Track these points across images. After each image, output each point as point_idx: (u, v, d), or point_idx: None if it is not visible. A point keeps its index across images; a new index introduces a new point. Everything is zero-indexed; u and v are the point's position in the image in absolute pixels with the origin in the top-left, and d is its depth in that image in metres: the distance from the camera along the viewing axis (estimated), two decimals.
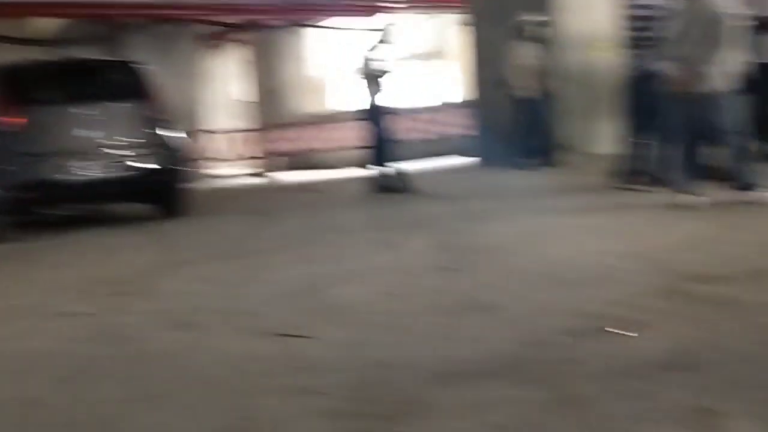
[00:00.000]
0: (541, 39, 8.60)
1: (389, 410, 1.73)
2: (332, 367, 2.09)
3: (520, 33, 8.65)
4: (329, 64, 12.95)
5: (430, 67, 13.44)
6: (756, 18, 5.22)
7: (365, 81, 7.04)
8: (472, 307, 2.58)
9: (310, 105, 12.88)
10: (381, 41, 7.09)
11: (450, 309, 2.57)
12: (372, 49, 7.07)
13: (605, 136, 7.57)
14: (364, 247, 4.11)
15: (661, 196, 5.05)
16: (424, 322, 2.47)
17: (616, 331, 2.11)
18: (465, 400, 1.73)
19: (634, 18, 5.47)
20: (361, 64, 7.07)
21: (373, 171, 7.09)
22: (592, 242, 3.65)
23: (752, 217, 3.94)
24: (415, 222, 4.95)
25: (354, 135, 8.12)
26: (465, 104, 11.08)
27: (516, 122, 8.69)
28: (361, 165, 7.47)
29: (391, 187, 6.89)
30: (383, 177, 7.00)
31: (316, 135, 12.24)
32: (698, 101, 4.36)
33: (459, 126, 11.91)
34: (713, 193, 4.46)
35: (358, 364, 2.09)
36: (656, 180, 5.38)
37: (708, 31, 4.26)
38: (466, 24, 10.42)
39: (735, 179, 4.40)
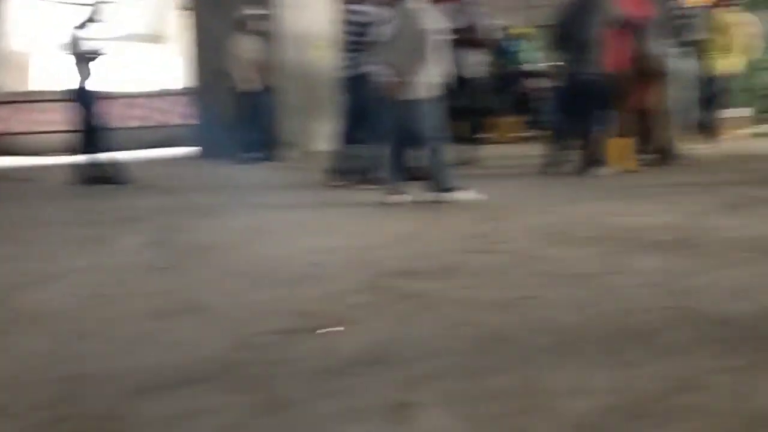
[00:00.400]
0: (263, 33, 8.66)
1: (83, 429, 1.62)
2: (25, 384, 1.90)
3: (242, 26, 8.63)
4: (35, 38, 11.73)
5: (147, 51, 12.84)
6: (458, 33, 5.82)
7: (74, 60, 6.49)
8: (184, 309, 2.51)
9: (11, 83, 11.57)
10: (91, 19, 6.58)
11: (160, 312, 2.48)
12: (81, 27, 6.53)
13: (323, 134, 7.84)
14: (69, 244, 3.80)
15: (372, 194, 5.40)
16: (132, 327, 2.35)
17: (323, 329, 2.20)
18: (168, 412, 1.68)
19: (349, 22, 5.75)
20: (69, 41, 6.51)
21: (82, 159, 6.57)
22: (305, 239, 3.77)
23: (449, 215, 4.36)
24: (127, 216, 4.70)
25: (62, 119, 7.45)
26: (185, 92, 10.76)
27: (237, 115, 8.66)
28: (69, 152, 6.89)
29: (102, 177, 6.44)
30: (93, 166, 6.51)
31: (18, 116, 11.02)
32: (404, 106, 4.72)
33: (178, 115, 11.54)
34: (417, 193, 4.86)
35: (55, 378, 1.93)
36: (368, 179, 5.76)
37: (414, 43, 4.62)
38: (186, 8, 10.10)
39: (434, 181, 4.83)
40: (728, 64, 8.36)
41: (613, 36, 5.88)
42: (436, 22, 4.78)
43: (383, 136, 5.24)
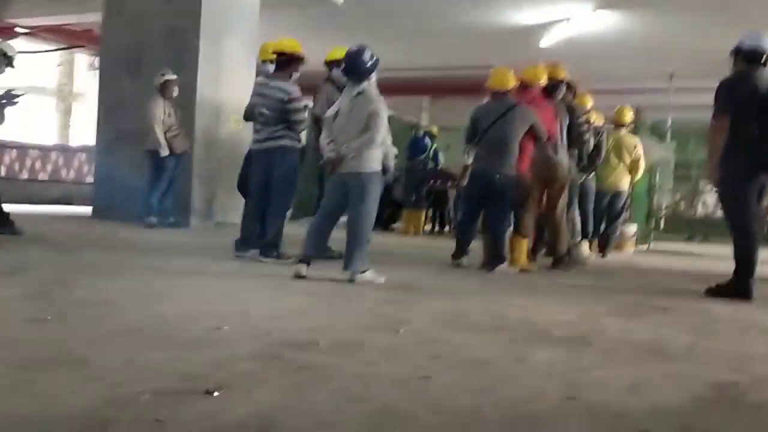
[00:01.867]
0: (178, 98, 8.64)
1: None
2: None
3: (158, 89, 8.58)
4: None
5: (47, 104, 12.55)
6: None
7: None
8: (61, 362, 2.32)
9: None
10: None
11: (35, 362, 2.28)
12: None
13: (234, 206, 7.75)
14: None
15: (277, 267, 5.32)
16: (1, 376, 2.14)
17: (208, 393, 2.07)
18: None
19: (263, 96, 5.80)
20: None
21: None
22: (203, 304, 3.64)
23: (354, 294, 4.31)
24: (13, 268, 4.41)
25: None
26: (85, 149, 10.46)
27: (147, 177, 8.48)
28: None
29: None
30: None
31: None
32: (345, 183, 4.85)
33: (75, 171, 11.17)
34: (326, 269, 4.81)
35: None
36: (273, 252, 5.70)
37: (365, 123, 4.76)
38: (95, 68, 10.02)
39: (348, 259, 4.80)
40: (626, 182, 8.88)
41: (524, 144, 6.16)
42: (385, 107, 4.90)
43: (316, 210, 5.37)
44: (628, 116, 9.00)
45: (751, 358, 3.11)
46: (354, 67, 4.92)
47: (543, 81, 6.54)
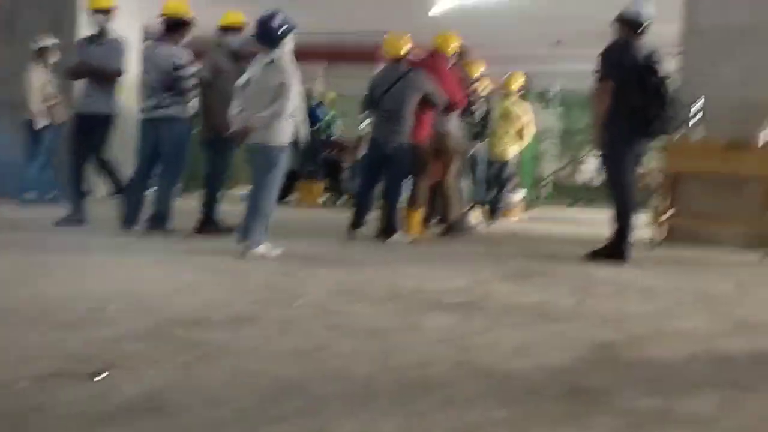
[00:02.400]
0: (57, 65, 8.15)
1: None
2: None
3: (35, 55, 8.08)
4: None
5: None
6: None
7: None
8: None
9: None
10: None
11: None
12: None
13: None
14: None
15: (168, 242, 5.17)
16: None
17: (95, 375, 1.99)
18: None
19: (152, 63, 5.54)
20: None
21: None
22: (88, 283, 3.50)
23: (248, 268, 4.24)
24: None
25: None
26: None
27: (28, 151, 8.01)
28: None
29: None
30: None
31: None
32: (254, 154, 4.79)
33: None
34: (221, 242, 4.71)
35: None
36: (160, 226, 5.53)
37: (274, 94, 4.63)
38: None
39: (244, 231, 4.71)
40: (514, 150, 9.13)
41: (421, 112, 6.19)
42: (297, 77, 4.77)
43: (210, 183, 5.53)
44: (518, 83, 9.22)
45: (628, 318, 3.30)
46: (264, 33, 4.73)
47: (454, 48, 6.62)
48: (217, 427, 1.68)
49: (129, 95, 6.58)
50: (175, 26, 5.63)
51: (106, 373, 2.01)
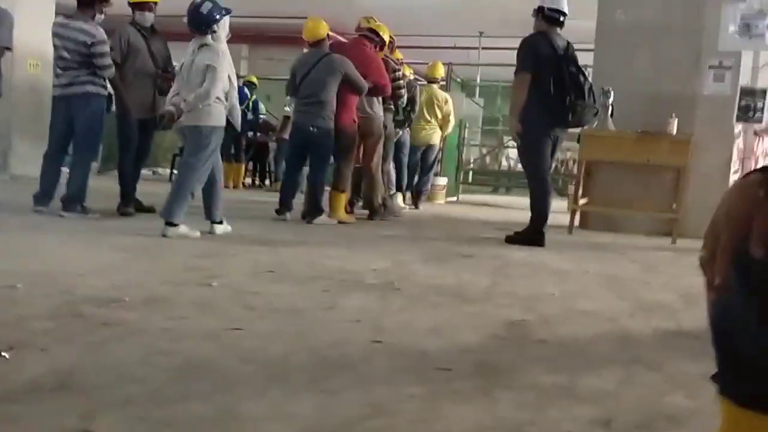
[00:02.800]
0: None
1: None
2: None
3: None
4: None
5: None
6: None
7: None
8: None
9: None
10: None
11: None
12: None
13: (34, 156, 7.15)
14: None
15: (81, 220, 5.03)
16: None
17: (0, 353, 1.94)
18: None
19: (64, 37, 5.36)
20: None
21: None
22: (0, 261, 3.37)
23: (167, 248, 4.17)
24: None
25: None
26: None
27: None
28: None
29: None
30: None
31: None
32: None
33: None
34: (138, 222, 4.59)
35: None
36: (74, 204, 5.38)
37: (204, 77, 4.69)
38: None
39: (166, 211, 4.64)
40: (437, 136, 9.25)
41: (345, 96, 6.19)
42: (227, 61, 4.78)
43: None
44: (440, 72, 9.34)
45: (540, 299, 3.42)
46: (193, 19, 4.75)
47: (387, 36, 6.68)
48: (125, 405, 1.66)
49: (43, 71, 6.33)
50: (89, 2, 5.44)
51: (12, 351, 1.96)
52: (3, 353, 1.94)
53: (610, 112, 6.54)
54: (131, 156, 5.86)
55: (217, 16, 4.76)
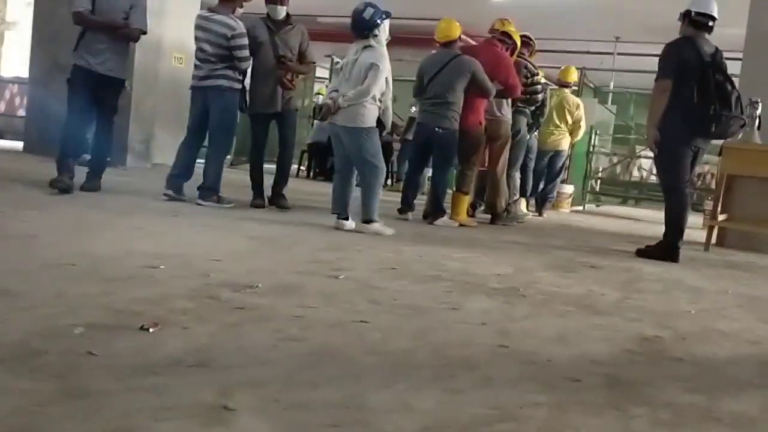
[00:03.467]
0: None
1: None
2: None
3: None
4: None
5: None
6: None
7: None
8: None
9: None
10: None
11: None
12: None
13: (173, 145, 7.57)
14: None
15: (218, 209, 5.25)
16: None
17: (142, 329, 2.05)
18: None
19: (205, 30, 5.56)
20: None
21: None
22: (138, 242, 3.58)
23: (297, 240, 4.29)
24: None
25: None
26: (17, 81, 10.01)
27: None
28: None
29: None
30: None
31: None
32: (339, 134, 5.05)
33: (6, 103, 10.69)
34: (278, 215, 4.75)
35: None
36: (209, 194, 5.57)
37: (365, 77, 4.92)
38: None
39: (364, 209, 5.11)
40: (566, 142, 9.01)
41: (473, 98, 6.15)
42: (386, 64, 5.01)
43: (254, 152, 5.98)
44: (574, 76, 9.09)
45: (673, 316, 3.24)
46: (356, 24, 5.00)
47: (519, 40, 6.66)
48: (259, 386, 1.71)
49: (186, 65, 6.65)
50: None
51: (156, 328, 2.07)
52: (149, 328, 2.05)
53: (757, 124, 6.13)
54: (259, 150, 6.09)
55: (378, 21, 4.95)
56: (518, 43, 6.79)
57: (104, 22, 5.36)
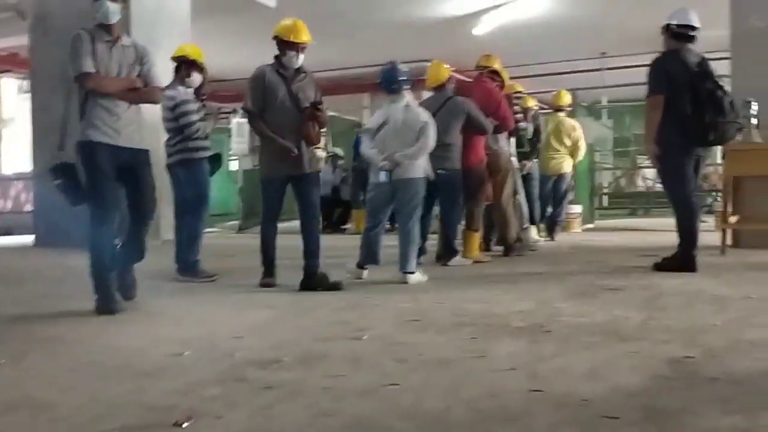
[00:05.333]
0: None
1: None
2: None
3: None
4: None
5: None
6: None
7: None
8: (21, 405, 2.27)
9: None
10: None
11: None
12: None
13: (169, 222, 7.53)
14: None
15: (228, 285, 5.25)
16: None
17: (176, 425, 2.05)
18: None
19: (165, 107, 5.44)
20: None
21: None
22: (159, 330, 3.59)
23: (310, 303, 4.30)
24: None
25: None
26: (21, 177, 10.15)
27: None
28: None
29: None
30: None
31: None
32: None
33: (12, 200, 10.82)
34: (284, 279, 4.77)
35: None
36: (185, 271, 5.46)
37: (411, 133, 5.27)
38: (24, 90, 9.69)
39: (402, 260, 5.23)
40: (568, 164, 9.04)
41: (470, 136, 6.21)
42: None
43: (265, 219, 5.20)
44: (566, 99, 9.17)
45: (701, 331, 3.23)
46: (392, 79, 5.31)
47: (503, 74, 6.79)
48: None
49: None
50: (177, 67, 5.57)
51: (191, 421, 2.07)
52: (182, 424, 2.05)
53: (755, 123, 6.15)
54: (265, 220, 5.13)
55: (408, 79, 5.34)
56: (506, 78, 6.88)
57: (123, 82, 4.15)
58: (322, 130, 5.54)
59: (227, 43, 13.07)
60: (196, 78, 5.60)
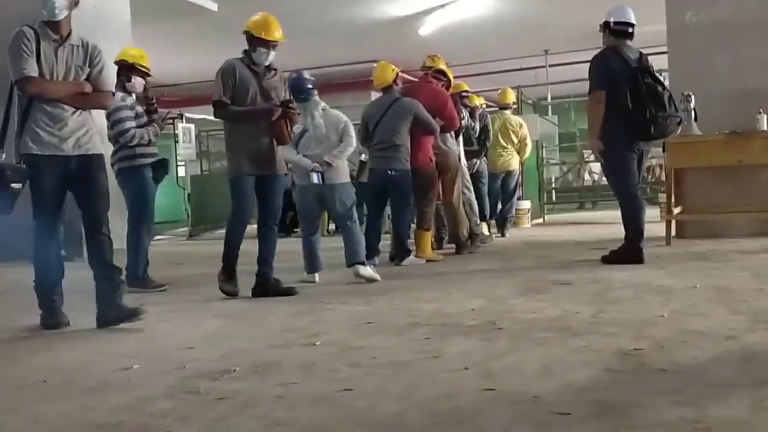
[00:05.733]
0: None
1: None
2: None
3: None
4: None
5: None
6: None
7: None
8: None
9: None
10: None
11: None
12: None
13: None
14: None
15: (172, 291, 5.16)
16: None
17: None
18: None
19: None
20: None
21: None
22: (107, 343, 3.51)
23: (265, 309, 4.25)
24: None
25: None
26: None
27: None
28: None
29: None
30: None
31: None
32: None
33: None
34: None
35: None
36: (132, 282, 5.22)
37: (336, 135, 5.33)
38: None
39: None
40: (515, 161, 9.15)
41: (418, 136, 6.23)
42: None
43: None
44: (511, 97, 9.29)
45: (649, 323, 3.29)
46: (301, 88, 5.22)
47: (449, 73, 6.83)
48: None
49: None
50: (117, 72, 5.39)
51: None
52: None
53: (693, 116, 6.32)
54: (237, 222, 4.79)
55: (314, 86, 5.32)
56: (451, 78, 6.94)
57: (71, 86, 3.86)
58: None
59: (171, 48, 12.86)
60: (137, 82, 5.46)
